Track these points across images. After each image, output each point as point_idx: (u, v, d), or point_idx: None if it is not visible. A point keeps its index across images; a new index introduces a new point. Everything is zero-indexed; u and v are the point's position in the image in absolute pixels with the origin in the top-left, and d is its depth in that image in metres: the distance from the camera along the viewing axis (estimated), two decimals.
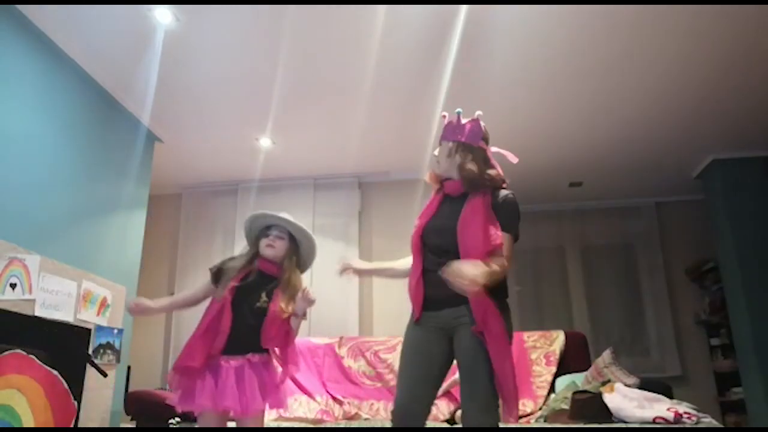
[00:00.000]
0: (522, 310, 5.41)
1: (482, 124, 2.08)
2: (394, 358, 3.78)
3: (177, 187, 5.10)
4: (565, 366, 3.61)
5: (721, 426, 2.60)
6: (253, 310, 2.14)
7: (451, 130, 2.07)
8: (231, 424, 2.28)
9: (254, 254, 2.26)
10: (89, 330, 3.15)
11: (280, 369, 2.21)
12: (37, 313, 2.75)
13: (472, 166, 1.99)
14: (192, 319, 2.24)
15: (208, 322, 2.12)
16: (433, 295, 1.93)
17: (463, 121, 2.06)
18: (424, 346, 1.95)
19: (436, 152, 2.13)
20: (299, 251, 2.34)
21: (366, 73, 3.41)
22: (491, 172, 2.02)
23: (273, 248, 2.24)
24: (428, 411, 1.93)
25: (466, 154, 2.02)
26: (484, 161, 2.03)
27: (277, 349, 2.19)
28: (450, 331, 1.92)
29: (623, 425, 2.61)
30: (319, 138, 4.27)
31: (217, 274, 2.25)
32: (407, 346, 1.99)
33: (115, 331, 3.40)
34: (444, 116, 2.12)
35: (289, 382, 2.59)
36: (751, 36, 3.11)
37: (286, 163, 4.64)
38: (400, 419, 1.89)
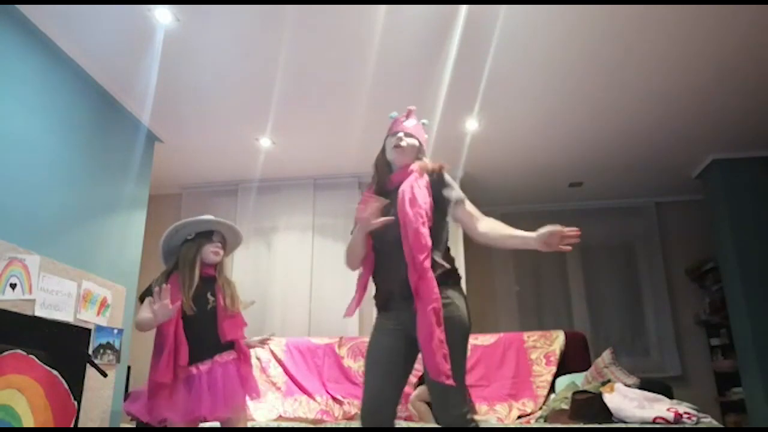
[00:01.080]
0: (522, 310, 5.41)
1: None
2: None
3: (177, 187, 5.10)
4: (565, 366, 3.61)
5: (721, 426, 2.60)
6: (206, 313, 2.28)
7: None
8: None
9: (194, 262, 2.35)
10: (89, 330, 3.15)
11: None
12: (37, 313, 2.75)
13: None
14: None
15: (171, 341, 2.20)
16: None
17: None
18: None
19: (401, 135, 2.13)
20: (226, 249, 2.51)
21: (366, 73, 3.41)
22: None
23: (218, 255, 2.40)
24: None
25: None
26: None
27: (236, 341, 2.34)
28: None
29: (623, 425, 2.61)
30: (319, 138, 4.27)
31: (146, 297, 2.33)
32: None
33: (115, 331, 3.40)
34: (410, 110, 2.22)
35: (290, 383, 2.66)
36: (751, 36, 3.11)
37: (286, 163, 4.64)
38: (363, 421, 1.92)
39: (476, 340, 3.81)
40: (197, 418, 2.17)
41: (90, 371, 3.07)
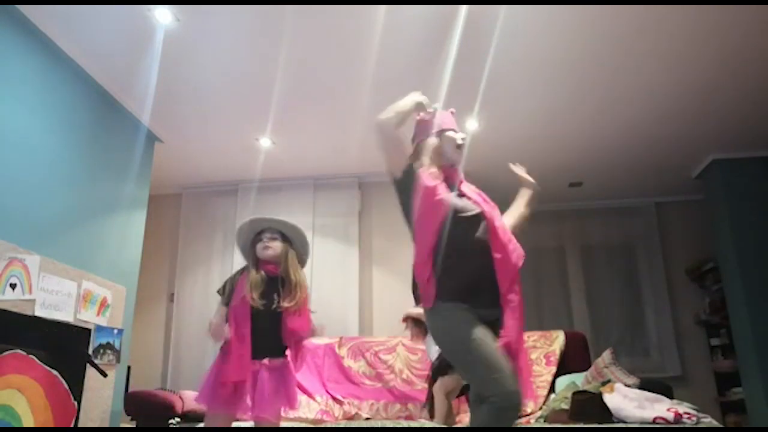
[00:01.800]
0: None
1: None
2: (394, 359, 3.78)
3: (177, 187, 5.09)
4: (565, 366, 3.61)
5: (721, 426, 2.60)
6: (270, 312, 2.23)
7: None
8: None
9: (256, 261, 2.35)
10: (89, 330, 3.15)
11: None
12: (37, 313, 2.75)
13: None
14: (192, 321, 2.30)
15: (241, 332, 2.20)
16: None
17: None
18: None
19: (463, 136, 2.16)
20: (294, 246, 2.44)
21: (366, 73, 3.40)
22: None
23: (270, 248, 2.34)
24: None
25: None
26: None
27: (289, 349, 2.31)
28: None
29: (623, 425, 2.61)
30: (319, 138, 4.27)
31: (227, 294, 2.33)
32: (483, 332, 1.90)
33: (115, 331, 3.40)
34: (453, 112, 2.25)
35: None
36: (751, 36, 3.11)
37: (286, 163, 4.64)
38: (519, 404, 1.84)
39: None
40: (257, 418, 2.17)
41: (90, 371, 3.08)
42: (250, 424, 2.39)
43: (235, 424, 2.46)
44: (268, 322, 2.22)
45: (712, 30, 3.06)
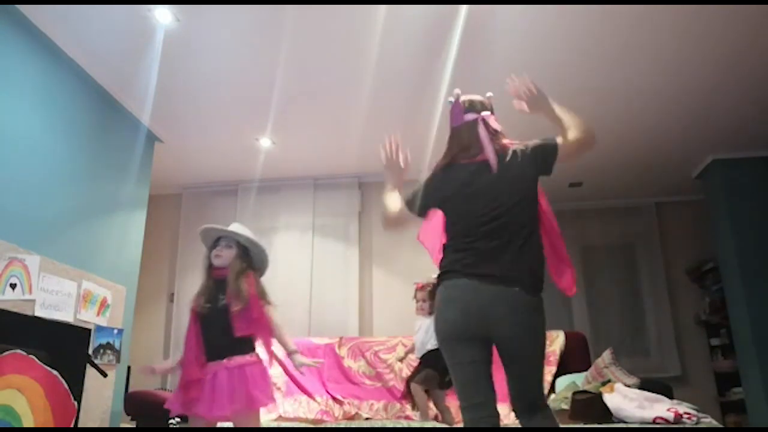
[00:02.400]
0: None
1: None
2: (394, 359, 3.78)
3: (177, 187, 5.09)
4: (565, 366, 3.61)
5: (721, 426, 2.60)
6: (217, 311, 2.32)
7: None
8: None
9: (208, 267, 2.50)
10: (89, 330, 3.15)
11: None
12: (37, 314, 2.75)
13: None
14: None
15: (189, 336, 2.37)
16: None
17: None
18: None
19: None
20: (250, 256, 2.52)
21: (366, 73, 3.40)
22: None
23: (220, 257, 2.46)
24: None
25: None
26: None
27: (256, 338, 2.42)
28: None
29: (623, 425, 2.61)
30: (319, 138, 4.27)
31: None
32: None
33: (115, 331, 3.40)
34: (451, 100, 2.19)
35: (289, 383, 2.70)
36: (751, 36, 3.11)
37: (286, 163, 4.64)
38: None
39: None
40: (213, 417, 2.27)
41: (90, 371, 3.08)
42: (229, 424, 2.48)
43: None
44: (218, 323, 2.31)
45: (712, 30, 3.05)
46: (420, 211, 2.10)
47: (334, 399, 3.67)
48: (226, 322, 2.29)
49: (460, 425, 3.18)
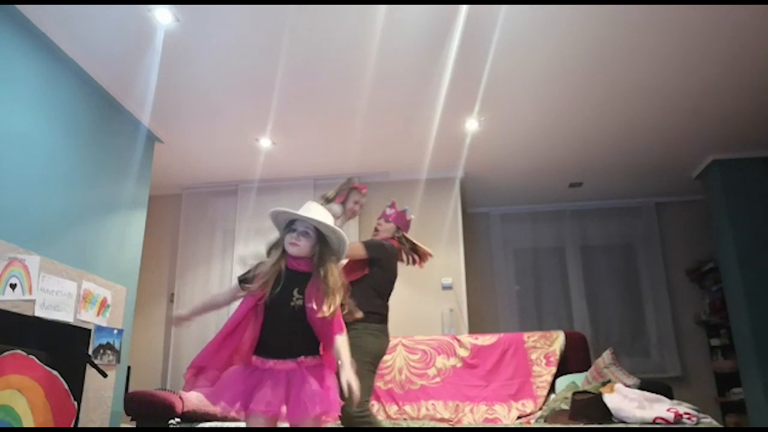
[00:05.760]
0: (522, 310, 5.41)
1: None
2: (394, 359, 3.78)
3: (177, 187, 5.09)
4: (565, 366, 3.61)
5: (721, 426, 2.60)
6: (290, 309, 1.98)
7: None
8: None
9: (281, 253, 2.08)
10: (89, 330, 3.15)
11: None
12: (37, 314, 2.75)
13: None
14: (192, 322, 2.17)
15: (234, 324, 1.96)
16: None
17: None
18: None
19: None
20: (329, 245, 2.15)
21: (366, 73, 3.40)
22: None
23: (297, 246, 2.07)
24: None
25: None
26: None
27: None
28: None
29: (623, 425, 2.61)
30: (319, 138, 4.27)
31: (246, 281, 2.06)
32: None
33: (115, 331, 3.40)
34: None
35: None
36: (751, 36, 3.11)
37: (286, 163, 4.64)
38: None
39: (476, 340, 3.81)
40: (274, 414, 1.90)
41: (90, 371, 3.07)
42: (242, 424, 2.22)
43: (232, 425, 2.39)
44: (287, 322, 1.97)
45: (713, 30, 3.06)
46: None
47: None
48: (300, 325, 1.97)
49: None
